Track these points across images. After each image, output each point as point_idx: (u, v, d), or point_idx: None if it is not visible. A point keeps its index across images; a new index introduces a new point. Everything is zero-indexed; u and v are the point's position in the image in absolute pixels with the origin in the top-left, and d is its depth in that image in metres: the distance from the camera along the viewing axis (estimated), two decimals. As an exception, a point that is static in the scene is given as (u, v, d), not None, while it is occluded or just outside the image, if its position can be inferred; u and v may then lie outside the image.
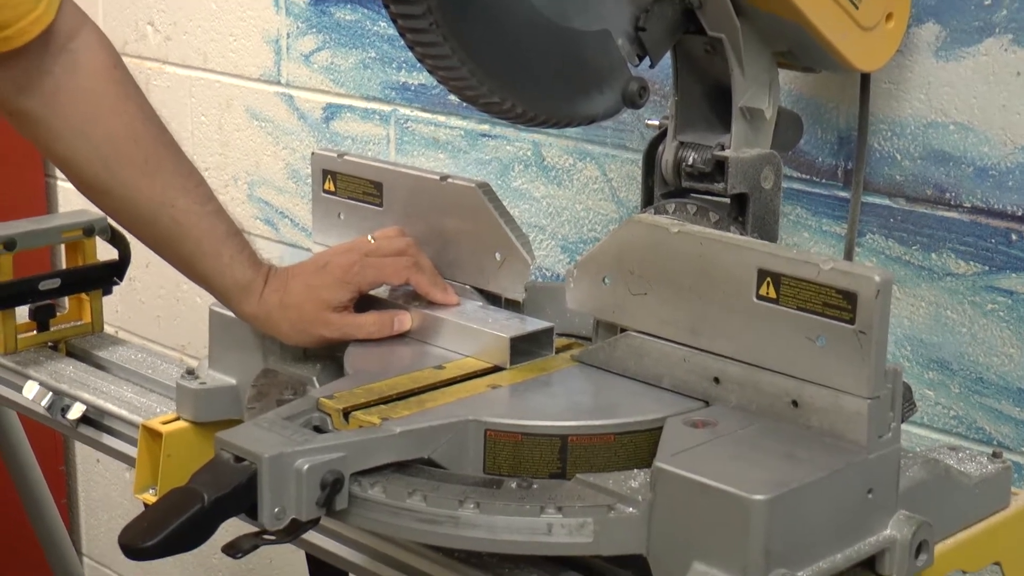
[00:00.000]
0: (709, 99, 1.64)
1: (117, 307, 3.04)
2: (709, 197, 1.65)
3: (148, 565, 3.34)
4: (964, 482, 1.48)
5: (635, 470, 1.34)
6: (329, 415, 1.42)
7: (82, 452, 3.44)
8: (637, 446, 1.40)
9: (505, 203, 1.69)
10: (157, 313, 3.01)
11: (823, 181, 1.89)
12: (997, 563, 1.53)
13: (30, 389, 1.99)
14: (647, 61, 1.57)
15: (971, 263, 1.77)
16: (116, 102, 1.60)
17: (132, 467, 1.76)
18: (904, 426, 1.77)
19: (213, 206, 1.63)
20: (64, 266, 2.17)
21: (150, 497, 1.68)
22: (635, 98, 1.53)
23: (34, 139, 1.61)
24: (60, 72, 1.57)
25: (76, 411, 1.94)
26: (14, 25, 1.51)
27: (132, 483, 1.71)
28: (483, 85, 1.44)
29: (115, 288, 2.20)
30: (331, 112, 2.52)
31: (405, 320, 1.63)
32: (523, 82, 1.48)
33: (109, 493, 3.40)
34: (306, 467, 1.30)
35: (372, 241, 1.70)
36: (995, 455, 1.55)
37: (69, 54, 1.57)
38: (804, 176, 1.90)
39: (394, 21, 1.42)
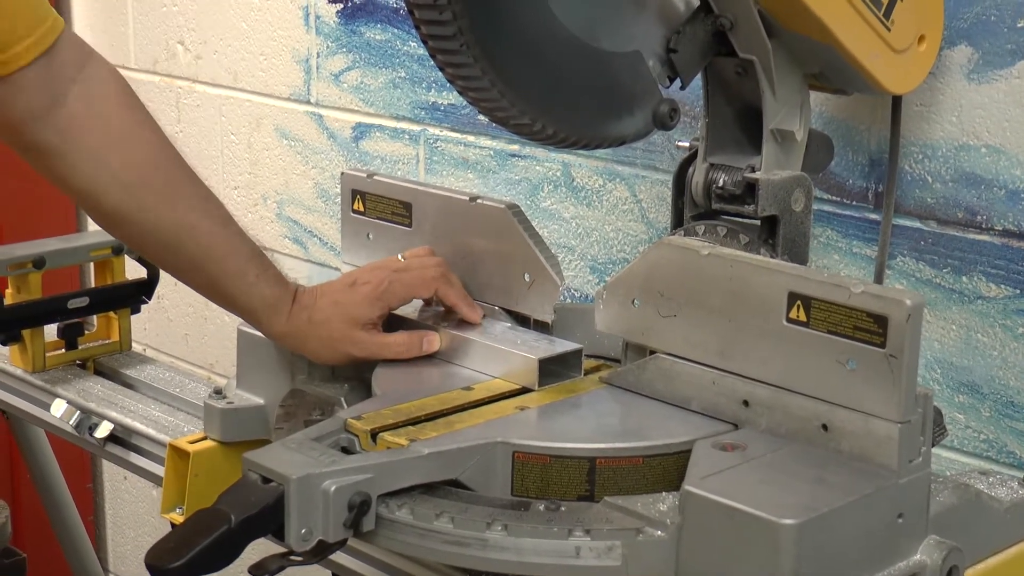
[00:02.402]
0: (740, 121, 1.64)
1: (145, 325, 3.05)
2: (739, 219, 1.64)
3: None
4: (995, 507, 1.47)
5: (664, 493, 1.33)
6: (357, 436, 1.41)
7: (109, 470, 3.45)
8: (666, 469, 1.39)
9: (534, 223, 1.68)
10: (185, 331, 3.02)
11: (854, 203, 1.88)
12: (1029, 587, 1.52)
13: (58, 407, 2.00)
14: (678, 83, 1.57)
15: (1002, 286, 1.76)
16: (132, 129, 1.60)
17: (159, 486, 1.76)
18: (934, 450, 1.76)
19: (235, 228, 1.64)
20: (93, 284, 2.17)
21: (177, 516, 1.68)
22: (666, 120, 1.53)
23: (51, 173, 1.60)
24: (73, 102, 1.57)
25: (103, 430, 1.94)
26: (8, 50, 1.52)
27: (159, 501, 1.71)
28: (513, 106, 1.44)
29: (143, 306, 2.21)
30: (360, 131, 2.53)
31: (434, 341, 1.63)
32: (553, 103, 1.47)
33: (136, 511, 3.40)
34: (333, 488, 1.30)
35: (402, 260, 1.70)
36: (1026, 480, 1.54)
37: (80, 84, 1.57)
38: (835, 198, 1.90)
39: (424, 42, 1.42)
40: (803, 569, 1.22)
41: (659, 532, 1.29)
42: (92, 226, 3.13)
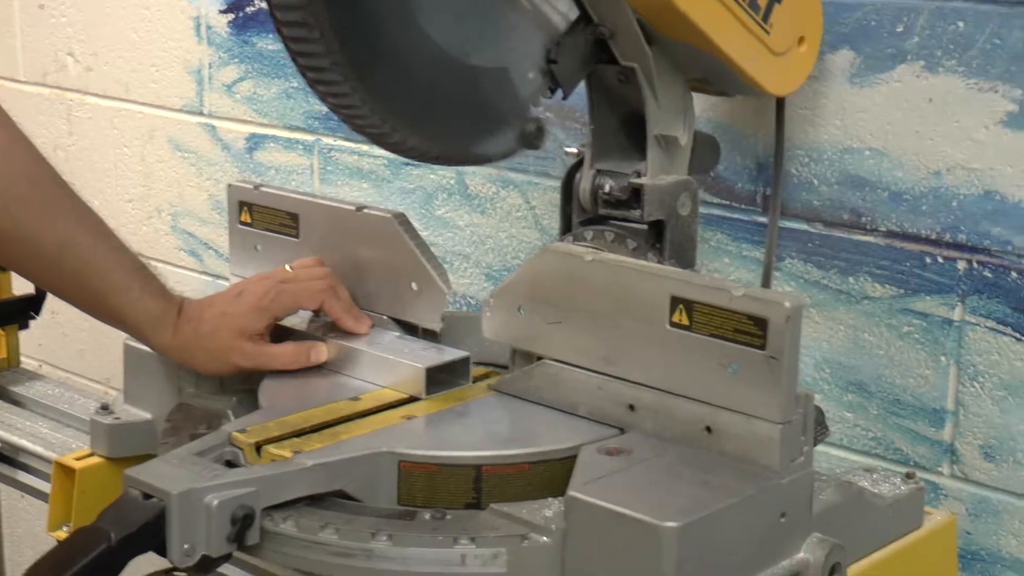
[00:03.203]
0: (624, 127, 1.64)
1: (40, 341, 3.01)
2: (627, 224, 1.65)
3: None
4: (877, 503, 1.49)
5: (550, 499, 1.34)
6: (241, 449, 1.40)
7: (6, 488, 3.38)
8: (552, 475, 1.39)
9: (429, 232, 1.69)
10: (81, 346, 2.98)
11: (742, 207, 1.90)
12: (912, 582, 1.54)
13: (-57, 426, 1.96)
14: (560, 93, 1.57)
15: (887, 286, 1.78)
16: (5, 145, 1.57)
17: (44, 502, 1.73)
18: (823, 448, 1.79)
19: (116, 242, 1.61)
20: (-22, 301, 2.14)
21: (63, 534, 1.65)
22: (532, 140, 1.52)
23: None
24: None
25: (-9, 448, 1.91)
26: None
27: (49, 519, 1.69)
28: (384, 122, 1.42)
29: (37, 321, 2.18)
30: (254, 142, 2.51)
31: (321, 351, 1.62)
32: (423, 119, 1.46)
33: (34, 529, 3.34)
34: (216, 503, 1.28)
35: (290, 270, 1.69)
36: (908, 476, 1.56)
37: None
38: (724, 202, 1.91)
39: (294, 59, 1.40)
40: (686, 571, 1.23)
41: (544, 538, 1.29)
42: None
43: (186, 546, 1.28)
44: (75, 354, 2.99)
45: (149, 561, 1.33)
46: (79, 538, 1.28)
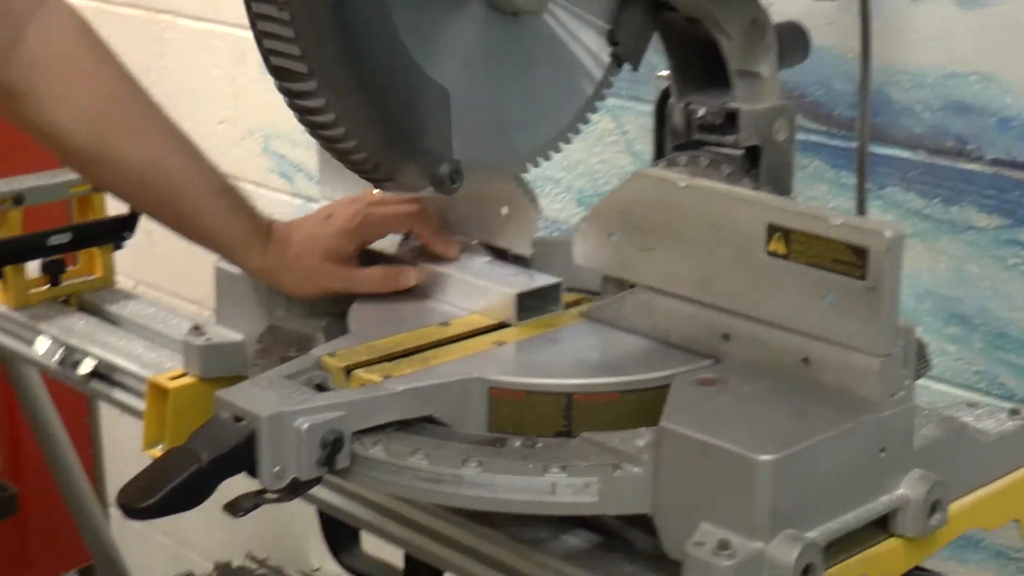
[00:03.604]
0: (705, 63, 1.59)
1: (136, 260, 3.03)
2: (722, 149, 1.61)
3: (172, 516, 3.35)
4: (981, 439, 1.45)
5: (642, 429, 1.32)
6: (331, 373, 1.40)
7: (106, 404, 3.44)
8: (643, 404, 1.37)
9: (520, 156, 1.65)
10: (176, 266, 3.00)
11: (841, 133, 1.86)
12: (1016, 520, 1.50)
13: (41, 344, 1.99)
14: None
15: (993, 216, 1.74)
16: (95, 66, 1.57)
17: (139, 420, 1.75)
18: (924, 382, 1.75)
19: (205, 163, 1.61)
20: (75, 221, 2.15)
21: (158, 453, 1.67)
22: (444, 181, 1.44)
23: (16, 115, 1.57)
24: (33, 42, 1.54)
25: (86, 366, 1.93)
26: None
27: (142, 438, 1.71)
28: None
29: (133, 241, 2.19)
30: (346, 63, 2.49)
31: (411, 276, 1.61)
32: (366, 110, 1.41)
33: (134, 445, 3.38)
34: (305, 426, 1.28)
35: (378, 193, 1.68)
36: (1014, 412, 1.51)
37: (38, 23, 1.54)
38: (822, 128, 1.87)
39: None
40: (780, 505, 1.21)
41: (636, 468, 1.27)
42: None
43: (276, 469, 1.28)
44: (170, 274, 3.01)
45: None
46: (170, 459, 1.28)
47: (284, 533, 3.10)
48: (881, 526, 1.33)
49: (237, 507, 1.31)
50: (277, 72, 1.38)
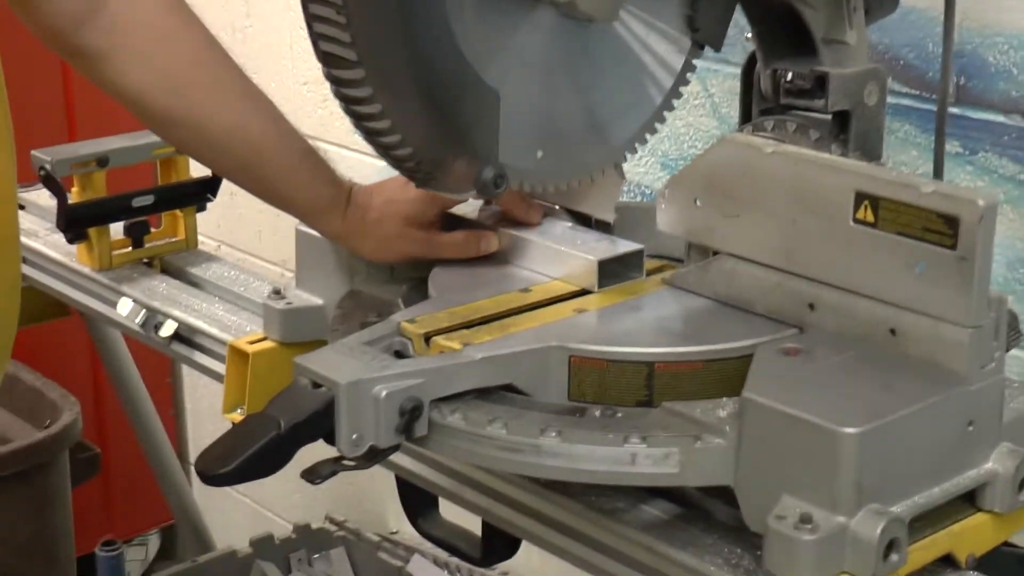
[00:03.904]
0: (789, 30, 1.56)
1: (219, 222, 3.05)
2: (810, 114, 1.58)
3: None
4: (1073, 413, 1.41)
5: (724, 399, 1.30)
6: (410, 340, 1.39)
7: (187, 367, 3.47)
8: (726, 374, 1.35)
9: (605, 120, 1.63)
10: (258, 228, 3.01)
11: (933, 97, 1.80)
12: (1108, 497, 1.46)
13: (124, 306, 2.00)
14: None
15: (1088, 182, 1.69)
16: (177, 28, 1.57)
17: (219, 383, 1.75)
18: (1015, 353, 1.71)
19: (286, 126, 1.60)
20: (159, 183, 2.16)
21: (238, 416, 1.67)
22: (488, 186, 1.42)
23: (99, 77, 1.57)
24: (115, 4, 1.54)
25: (168, 328, 1.94)
26: None
27: (223, 401, 1.71)
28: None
29: (216, 203, 2.19)
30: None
31: (492, 241, 1.59)
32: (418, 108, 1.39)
33: (215, 405, 3.40)
34: (384, 394, 1.27)
35: None
36: (1107, 384, 1.48)
37: None
38: (913, 91, 1.82)
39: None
40: (866, 479, 1.19)
41: (718, 439, 1.26)
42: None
43: (354, 436, 1.28)
44: (252, 235, 3.02)
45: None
46: (249, 425, 1.28)
47: (363, 496, 3.12)
48: (968, 501, 1.30)
49: (315, 474, 1.31)
50: (325, 58, 1.36)
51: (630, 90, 1.54)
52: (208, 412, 3.48)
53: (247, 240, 3.05)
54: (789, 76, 1.56)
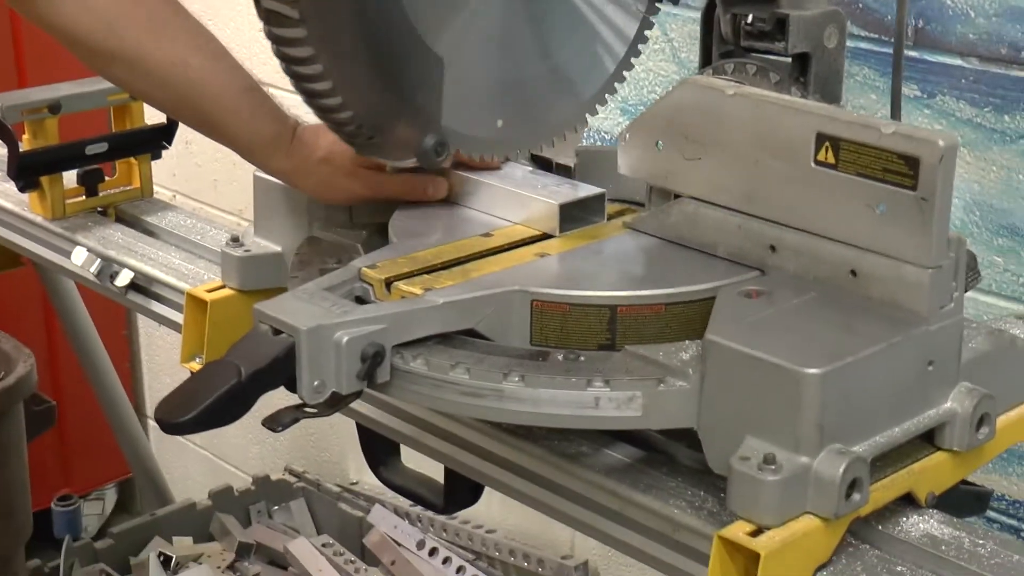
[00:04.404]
0: None
1: (174, 171, 3.02)
2: (770, 56, 1.57)
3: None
4: (1030, 353, 1.42)
5: (686, 342, 1.30)
6: (371, 285, 1.38)
7: (143, 317, 3.45)
8: (689, 317, 1.35)
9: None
10: (214, 177, 2.99)
11: (892, 40, 1.80)
12: (1064, 435, 1.48)
13: (78, 255, 1.98)
14: None
15: (1046, 125, 1.70)
16: None
17: (176, 332, 1.74)
18: (972, 294, 1.72)
19: (228, 62, 1.58)
20: (112, 130, 2.13)
21: (197, 366, 1.65)
22: (430, 155, 1.42)
23: (34, 14, 1.55)
24: None
25: (124, 278, 1.92)
26: None
27: (183, 349, 1.69)
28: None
29: (171, 152, 2.16)
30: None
31: (441, 186, 1.58)
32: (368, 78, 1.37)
33: (172, 357, 3.39)
34: (345, 339, 1.26)
35: None
36: (1064, 325, 1.49)
37: None
38: (872, 35, 1.82)
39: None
40: (828, 419, 1.19)
41: (680, 382, 1.26)
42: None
43: (316, 383, 1.27)
44: (208, 185, 3.00)
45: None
46: (210, 372, 1.27)
47: (323, 447, 3.11)
48: (928, 440, 1.31)
49: (276, 421, 1.30)
50: (267, 16, 1.34)
51: (592, 45, 1.53)
52: (165, 364, 3.46)
53: (203, 190, 3.02)
54: (749, 19, 1.55)
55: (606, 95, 1.57)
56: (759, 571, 1.16)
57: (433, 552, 2.76)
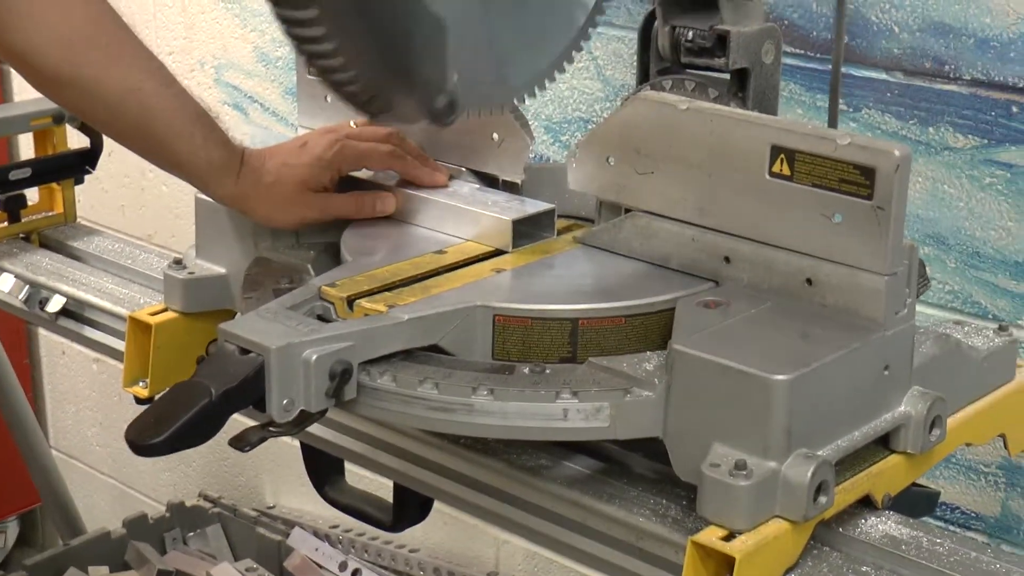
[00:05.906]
0: None
1: (80, 197, 2.97)
2: (708, 73, 1.60)
3: (117, 455, 3.32)
4: (973, 356, 1.47)
5: (648, 352, 1.32)
6: (332, 304, 1.38)
7: (47, 345, 3.39)
8: (648, 328, 1.37)
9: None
10: (122, 202, 2.95)
11: (818, 56, 1.85)
12: (1002, 435, 1.53)
13: (6, 282, 1.94)
14: None
15: (969, 136, 1.75)
16: None
17: (111, 358, 1.71)
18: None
19: (178, 88, 1.57)
20: (33, 155, 2.10)
21: (140, 390, 1.64)
22: (441, 115, 1.42)
23: None
24: None
25: (56, 303, 1.89)
26: None
27: (99, 375, 1.67)
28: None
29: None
30: (300, -8, 2.44)
31: (388, 201, 1.58)
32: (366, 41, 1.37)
33: (75, 385, 3.35)
34: (314, 357, 1.26)
35: (354, 127, 1.65)
36: (1001, 328, 1.53)
37: None
38: (798, 51, 1.87)
39: None
40: (795, 424, 1.22)
41: (647, 392, 1.27)
42: (21, 95, 3.04)
43: (285, 401, 1.27)
44: (116, 210, 2.96)
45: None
46: (180, 393, 1.26)
47: (237, 472, 3.08)
48: (883, 443, 1.34)
49: (244, 441, 1.29)
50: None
51: (547, 19, 1.54)
52: (68, 393, 3.40)
53: (110, 215, 2.98)
54: (690, 35, 1.58)
55: (553, 74, 1.56)
56: (735, 574, 1.18)
57: (356, 573, 2.74)
